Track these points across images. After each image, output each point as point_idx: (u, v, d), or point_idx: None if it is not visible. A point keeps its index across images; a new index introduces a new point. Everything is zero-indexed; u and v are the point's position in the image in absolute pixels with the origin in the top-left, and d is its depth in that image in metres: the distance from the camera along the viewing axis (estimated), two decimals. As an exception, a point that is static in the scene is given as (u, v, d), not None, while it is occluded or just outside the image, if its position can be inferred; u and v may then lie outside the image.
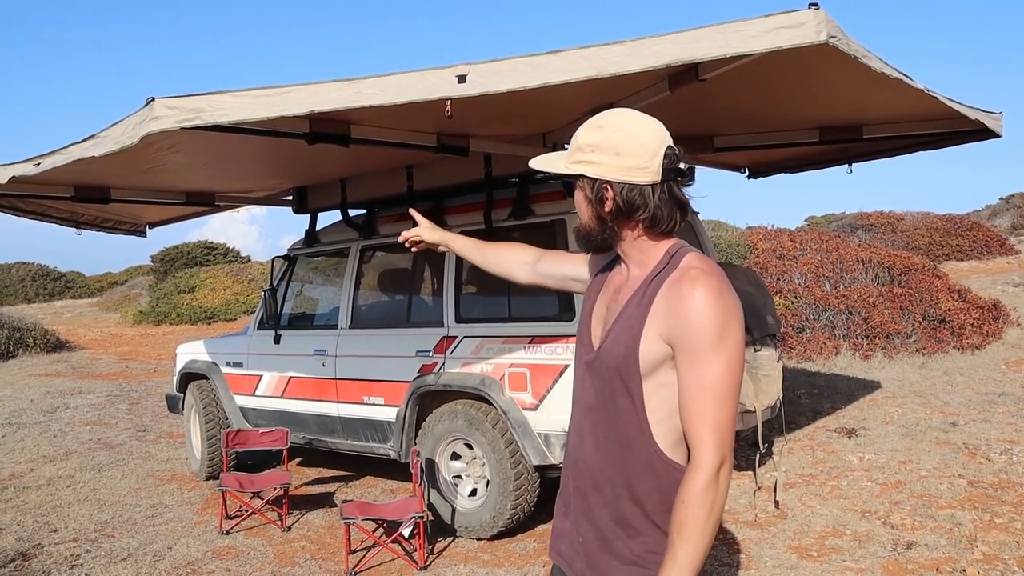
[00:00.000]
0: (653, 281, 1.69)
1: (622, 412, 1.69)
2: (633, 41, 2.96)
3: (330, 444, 5.87)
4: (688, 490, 1.57)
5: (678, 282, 1.64)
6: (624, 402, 1.68)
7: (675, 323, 1.61)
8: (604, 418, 1.74)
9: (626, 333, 1.68)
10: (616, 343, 1.70)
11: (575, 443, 1.85)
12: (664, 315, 1.63)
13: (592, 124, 1.74)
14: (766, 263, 12.23)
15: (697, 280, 1.62)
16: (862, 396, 8.02)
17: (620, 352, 1.68)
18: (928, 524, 4.60)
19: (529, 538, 4.86)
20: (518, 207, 4.95)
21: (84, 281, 36.17)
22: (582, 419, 1.82)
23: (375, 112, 3.32)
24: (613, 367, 1.69)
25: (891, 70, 3.46)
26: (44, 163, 3.72)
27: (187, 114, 3.06)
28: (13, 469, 6.99)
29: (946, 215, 20.95)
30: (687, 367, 1.60)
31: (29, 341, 16.20)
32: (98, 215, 6.82)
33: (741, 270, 5.44)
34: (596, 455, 1.76)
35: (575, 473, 1.84)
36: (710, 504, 1.56)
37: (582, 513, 1.81)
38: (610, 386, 1.71)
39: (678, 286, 1.63)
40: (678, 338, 1.60)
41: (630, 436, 1.68)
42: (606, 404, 1.73)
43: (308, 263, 6.63)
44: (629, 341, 1.66)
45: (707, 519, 1.56)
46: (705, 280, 1.62)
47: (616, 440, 1.71)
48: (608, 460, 1.73)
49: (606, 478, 1.74)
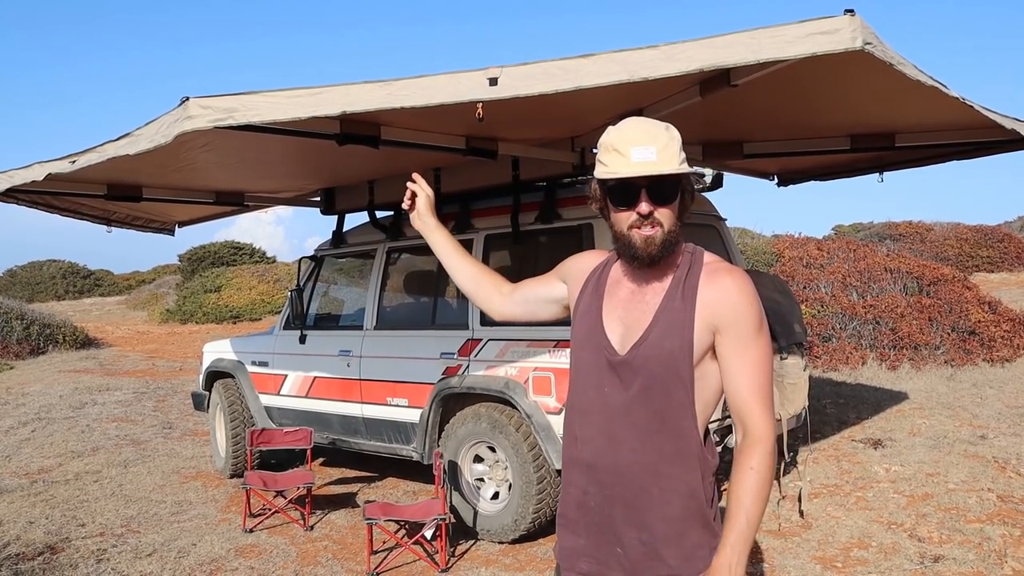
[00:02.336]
0: (688, 276, 1.78)
1: (677, 406, 1.74)
2: (666, 46, 2.95)
3: (353, 445, 5.89)
4: (759, 458, 1.69)
5: (716, 274, 1.77)
6: (680, 395, 1.74)
7: (722, 311, 1.73)
8: (651, 416, 1.74)
9: (676, 327, 1.73)
10: (666, 337, 1.73)
11: (602, 449, 1.79)
12: (709, 305, 1.73)
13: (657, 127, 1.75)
14: (792, 271, 12.13)
15: (733, 272, 1.77)
16: (889, 407, 7.92)
17: (673, 346, 1.72)
18: (956, 538, 4.53)
19: (551, 542, 4.84)
20: (545, 211, 4.94)
21: (113, 279, 36.61)
22: (610, 423, 1.78)
23: (406, 114, 3.33)
24: (666, 362, 1.73)
25: (926, 78, 3.42)
26: (79, 161, 3.78)
27: (220, 113, 3.09)
28: (42, 464, 7.09)
29: (976, 226, 20.65)
30: (740, 349, 1.73)
31: (59, 338, 16.46)
32: (129, 213, 6.90)
33: (768, 277, 5.40)
34: (639, 456, 1.75)
35: (606, 480, 1.79)
36: (770, 472, 1.71)
37: (627, 522, 1.77)
38: (662, 382, 1.73)
39: (718, 277, 1.76)
40: (727, 325, 1.72)
41: (684, 428, 1.74)
42: (655, 401, 1.74)
43: (334, 264, 6.66)
44: (682, 334, 1.73)
45: (769, 486, 1.71)
46: (739, 272, 1.78)
47: (672, 435, 1.74)
48: (660, 457, 1.74)
49: (654, 478, 1.74)
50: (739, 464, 1.71)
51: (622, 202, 1.74)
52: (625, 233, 1.76)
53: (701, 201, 5.38)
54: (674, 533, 1.73)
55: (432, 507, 4.61)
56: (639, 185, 1.71)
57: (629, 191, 1.73)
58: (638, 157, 1.69)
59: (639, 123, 1.76)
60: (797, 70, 3.40)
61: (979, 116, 4.15)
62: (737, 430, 1.75)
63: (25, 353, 15.41)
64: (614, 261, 1.90)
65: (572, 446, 1.88)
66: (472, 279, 2.19)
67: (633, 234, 1.75)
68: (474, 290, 2.18)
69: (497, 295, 2.15)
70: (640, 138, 1.71)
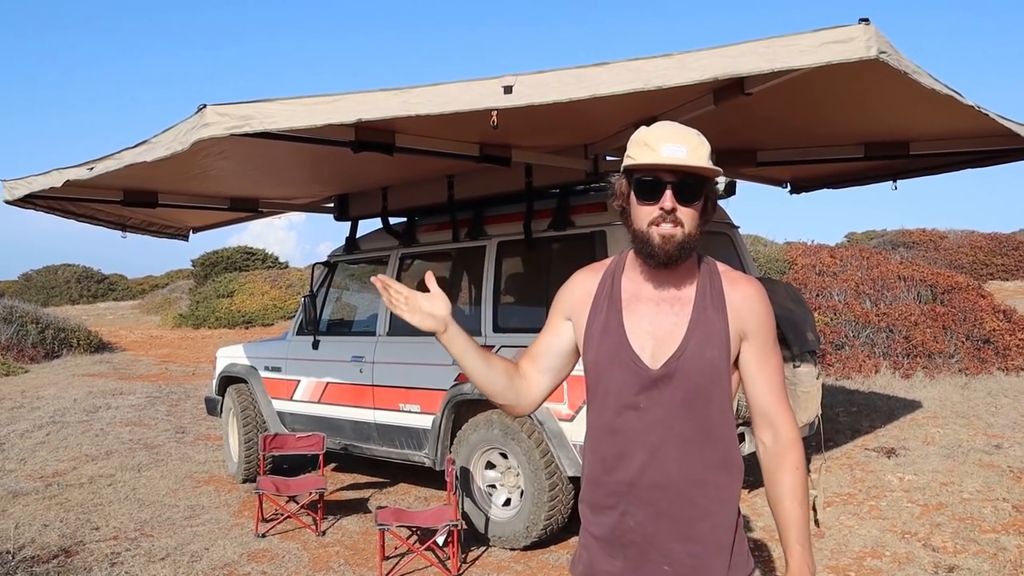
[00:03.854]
0: (712, 285, 1.80)
1: (719, 414, 1.76)
2: (680, 54, 2.96)
3: (365, 450, 5.90)
4: (798, 457, 1.78)
5: (737, 282, 1.81)
6: (722, 403, 1.77)
7: (749, 317, 1.78)
8: (696, 428, 1.74)
9: (715, 336, 1.76)
10: (706, 347, 1.74)
11: (644, 466, 1.74)
12: (738, 313, 1.78)
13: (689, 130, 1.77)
14: (805, 279, 12.09)
15: (751, 280, 1.82)
16: (902, 415, 7.88)
17: (714, 355, 1.74)
18: (971, 548, 4.50)
19: (562, 549, 4.84)
20: (558, 218, 4.95)
21: (126, 284, 36.87)
22: (650, 438, 1.73)
23: (420, 121, 3.36)
24: (708, 372, 1.74)
25: (941, 86, 3.41)
26: (97, 167, 3.82)
27: (237, 121, 3.12)
28: (57, 467, 7.13)
29: (991, 233, 20.50)
30: (765, 355, 1.79)
31: (73, 342, 16.58)
32: (144, 219, 6.95)
33: (781, 285, 5.39)
34: (684, 468, 1.73)
35: (651, 497, 1.73)
36: (804, 469, 1.79)
37: (676, 536, 1.73)
38: (705, 393, 1.74)
39: (739, 286, 1.80)
40: (754, 331, 1.78)
41: (726, 436, 1.77)
42: (699, 413, 1.74)
43: (348, 270, 6.69)
44: (720, 343, 1.75)
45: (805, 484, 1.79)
46: (755, 280, 1.84)
47: (716, 444, 1.75)
48: (707, 468, 1.74)
49: (701, 489, 1.74)
50: (782, 465, 1.77)
51: (647, 196, 1.72)
52: (644, 230, 1.73)
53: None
54: (724, 543, 1.74)
55: (444, 513, 4.61)
56: (666, 181, 1.70)
57: (656, 186, 1.71)
58: (668, 153, 1.69)
59: (671, 124, 1.78)
60: (811, 79, 3.39)
61: (994, 124, 4.14)
62: (765, 433, 1.80)
63: (40, 357, 15.53)
64: (620, 272, 1.85)
65: (601, 468, 1.80)
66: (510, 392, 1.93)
67: (652, 231, 1.72)
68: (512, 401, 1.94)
69: (530, 389, 1.94)
70: (672, 136, 1.72)
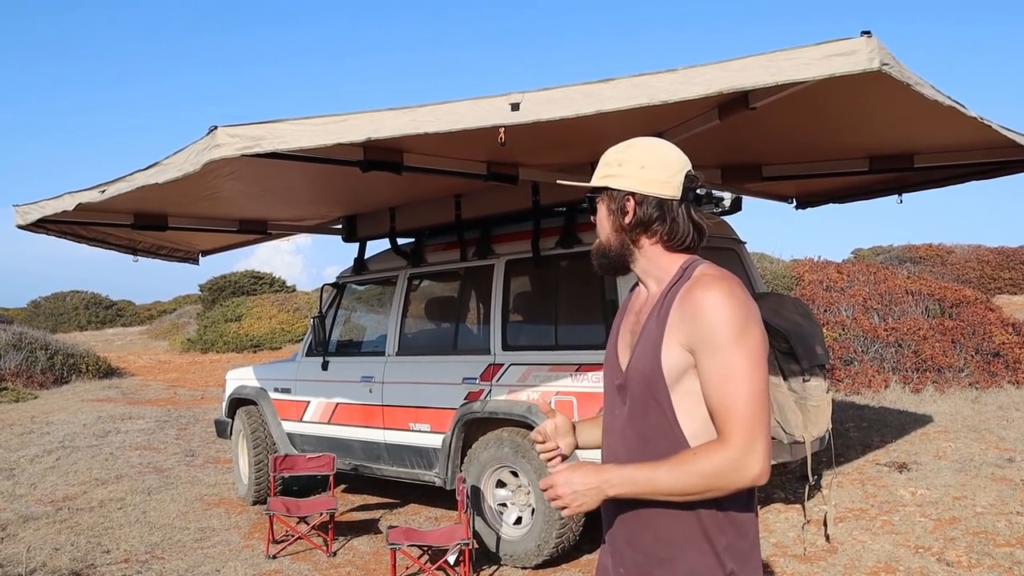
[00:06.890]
0: (668, 293, 1.72)
1: (654, 426, 1.71)
2: (685, 69, 2.99)
3: (376, 470, 5.90)
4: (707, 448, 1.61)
5: (691, 289, 1.67)
6: (655, 416, 1.70)
7: (692, 327, 1.63)
8: (636, 437, 1.74)
9: (650, 347, 1.70)
10: (641, 359, 1.72)
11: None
12: (680, 322, 1.66)
13: (620, 144, 1.86)
14: (813, 294, 12.07)
15: (709, 284, 1.65)
16: (913, 430, 7.84)
17: (646, 366, 1.70)
18: (985, 562, 4.47)
19: (574, 567, 4.82)
20: (565, 236, 4.97)
21: (134, 309, 36.98)
22: (616, 444, 1.81)
23: (428, 140, 3.38)
24: (642, 383, 1.71)
25: (944, 98, 3.44)
26: (109, 190, 3.85)
27: (248, 142, 3.15)
28: (67, 491, 7.14)
29: (998, 248, 20.47)
30: (709, 364, 1.61)
31: (82, 367, 16.63)
32: (154, 242, 6.98)
33: (789, 299, 5.39)
34: None
35: (612, 500, 1.76)
36: (712, 472, 1.58)
37: (625, 541, 1.78)
38: (641, 403, 1.72)
39: (691, 292, 1.66)
40: (697, 341, 1.62)
41: (664, 449, 1.68)
42: (637, 422, 1.74)
43: (356, 291, 6.71)
44: (653, 354, 1.69)
45: (697, 476, 1.59)
46: (717, 284, 1.65)
47: (652, 455, 1.68)
48: None
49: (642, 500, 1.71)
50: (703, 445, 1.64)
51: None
52: None
53: (720, 224, 5.40)
54: (667, 557, 1.70)
55: (455, 532, 4.61)
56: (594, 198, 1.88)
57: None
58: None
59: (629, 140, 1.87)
60: (815, 92, 3.42)
61: (998, 136, 4.16)
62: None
63: (49, 383, 15.57)
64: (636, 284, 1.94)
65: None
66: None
67: None
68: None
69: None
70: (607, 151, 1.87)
